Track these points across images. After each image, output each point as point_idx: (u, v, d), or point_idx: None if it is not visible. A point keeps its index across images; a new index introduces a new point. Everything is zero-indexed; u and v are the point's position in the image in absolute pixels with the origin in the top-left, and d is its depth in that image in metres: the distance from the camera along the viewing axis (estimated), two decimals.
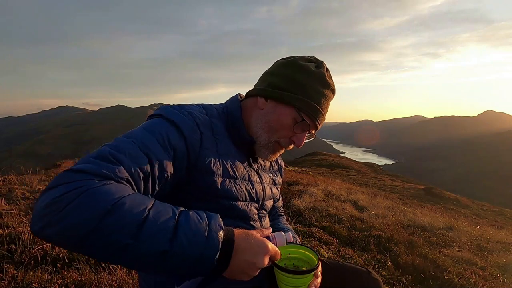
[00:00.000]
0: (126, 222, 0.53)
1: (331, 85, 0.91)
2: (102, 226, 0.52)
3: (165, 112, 0.81)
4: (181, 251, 0.56)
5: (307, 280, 0.76)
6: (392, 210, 5.93)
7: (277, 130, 0.90)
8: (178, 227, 0.57)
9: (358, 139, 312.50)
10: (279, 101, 0.89)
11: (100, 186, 0.56)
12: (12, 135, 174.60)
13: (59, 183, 0.56)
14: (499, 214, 13.48)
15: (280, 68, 0.92)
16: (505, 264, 3.49)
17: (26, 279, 1.70)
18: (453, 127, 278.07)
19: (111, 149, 0.66)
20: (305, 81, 0.88)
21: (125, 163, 0.64)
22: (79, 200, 0.53)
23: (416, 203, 10.51)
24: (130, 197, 0.57)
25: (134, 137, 0.71)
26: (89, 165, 0.61)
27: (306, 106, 0.87)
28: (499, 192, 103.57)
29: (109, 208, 0.53)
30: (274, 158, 0.97)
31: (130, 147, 0.68)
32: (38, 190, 4.10)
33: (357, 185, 13.27)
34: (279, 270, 0.74)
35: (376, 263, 2.88)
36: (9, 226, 2.43)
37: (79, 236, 0.52)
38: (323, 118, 0.92)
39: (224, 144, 0.88)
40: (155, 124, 0.77)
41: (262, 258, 0.65)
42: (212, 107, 0.94)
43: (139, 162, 0.67)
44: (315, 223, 3.98)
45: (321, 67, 0.90)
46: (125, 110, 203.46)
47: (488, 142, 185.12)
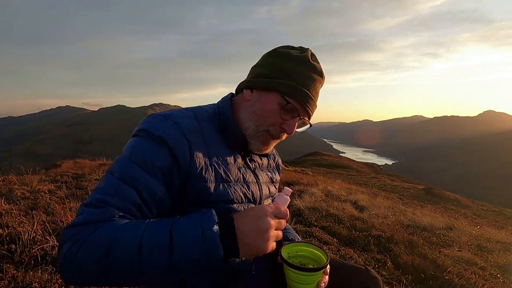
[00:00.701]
0: (126, 253, 0.61)
1: (317, 67, 0.88)
2: (109, 262, 0.61)
3: (149, 126, 0.79)
4: (185, 260, 0.62)
5: (316, 278, 0.77)
6: (392, 210, 5.93)
7: (264, 118, 0.87)
8: (173, 240, 0.62)
9: (358, 139, 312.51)
10: (263, 89, 0.87)
11: (94, 231, 0.64)
12: (12, 135, 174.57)
13: (64, 241, 0.65)
14: (499, 214, 13.49)
15: (265, 58, 0.92)
16: (505, 264, 3.49)
17: (26, 279, 1.70)
18: (453, 127, 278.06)
19: (98, 194, 0.71)
20: (288, 66, 0.86)
21: (113, 203, 0.69)
22: (82, 250, 0.62)
23: (416, 203, 10.52)
24: (124, 229, 0.64)
25: (118, 171, 0.74)
26: (82, 216, 0.68)
27: (291, 90, 0.84)
28: (499, 192, 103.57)
29: (107, 247, 0.61)
30: (267, 150, 0.95)
31: (115, 185, 0.72)
32: (38, 190, 4.10)
33: (357, 185, 13.28)
34: (289, 267, 0.75)
35: (376, 263, 2.88)
36: (9, 226, 2.43)
37: (96, 275, 0.62)
38: (312, 101, 0.88)
39: (216, 147, 0.86)
40: (137, 148, 0.77)
41: (265, 220, 0.67)
42: (202, 110, 0.92)
43: (126, 196, 0.71)
44: (315, 223, 3.98)
45: (305, 52, 0.89)
46: (125, 110, 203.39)
47: (488, 142, 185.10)
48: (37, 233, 2.26)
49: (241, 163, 0.95)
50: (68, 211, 2.93)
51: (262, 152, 0.95)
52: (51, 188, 4.33)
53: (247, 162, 0.97)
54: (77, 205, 3.30)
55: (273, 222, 0.68)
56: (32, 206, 3.22)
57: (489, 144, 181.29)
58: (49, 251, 2.03)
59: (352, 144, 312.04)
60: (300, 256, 0.85)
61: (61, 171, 6.08)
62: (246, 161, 0.97)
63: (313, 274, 0.75)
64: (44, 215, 2.80)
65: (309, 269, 0.75)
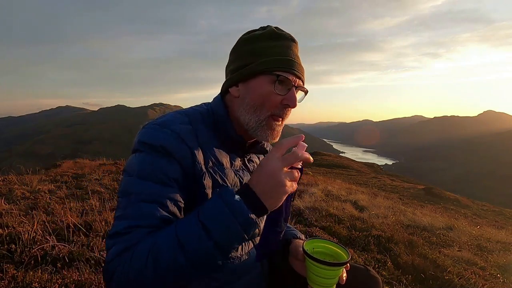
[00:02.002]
0: (168, 252, 0.64)
1: (285, 34, 0.86)
2: (159, 268, 0.64)
3: (148, 138, 0.78)
4: (224, 235, 0.65)
5: (338, 272, 0.79)
6: (392, 210, 5.93)
7: (262, 104, 0.84)
8: (205, 224, 0.65)
9: (358, 139, 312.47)
10: (247, 79, 0.85)
11: (132, 254, 0.66)
12: (12, 135, 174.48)
13: (111, 276, 0.66)
14: (499, 214, 13.48)
15: (233, 53, 0.90)
16: (505, 264, 3.49)
17: (26, 279, 1.70)
18: (453, 127, 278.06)
19: (122, 222, 0.71)
20: (258, 45, 0.84)
21: (139, 224, 0.70)
22: (131, 273, 0.64)
23: (416, 203, 10.52)
24: (156, 236, 0.67)
25: (134, 192, 0.73)
26: (114, 248, 0.68)
27: (273, 64, 0.82)
28: (499, 192, 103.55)
29: (150, 256, 0.64)
30: (277, 137, 0.89)
31: (135, 207, 0.72)
32: (38, 190, 4.10)
33: (357, 185, 13.28)
34: (313, 261, 0.77)
35: (376, 263, 2.88)
36: (9, 226, 2.43)
37: (154, 285, 0.65)
38: (298, 65, 0.85)
39: (211, 152, 0.85)
40: (145, 164, 0.76)
41: (276, 161, 0.67)
42: (196, 112, 0.89)
43: (150, 214, 0.71)
44: (315, 223, 3.98)
45: (267, 28, 0.87)
46: (125, 110, 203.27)
47: (488, 142, 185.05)
48: (37, 233, 2.26)
49: (239, 165, 0.93)
50: (68, 211, 2.93)
51: (273, 140, 0.90)
52: (51, 188, 4.33)
53: (245, 162, 0.96)
54: (77, 205, 3.30)
55: (282, 162, 0.67)
56: (32, 206, 3.22)
57: (489, 144, 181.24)
58: (49, 251, 2.03)
59: (352, 144, 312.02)
60: (317, 252, 0.87)
61: (61, 171, 6.08)
62: (245, 161, 0.96)
63: (336, 268, 0.78)
64: (44, 215, 2.80)
65: (333, 263, 0.77)
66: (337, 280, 0.80)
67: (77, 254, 2.03)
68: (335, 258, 0.85)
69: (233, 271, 0.87)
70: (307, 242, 0.87)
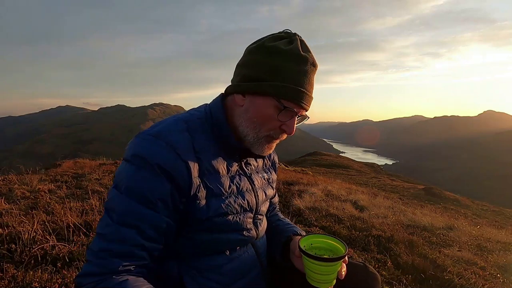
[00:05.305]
0: None
1: (309, 58, 0.81)
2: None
3: (141, 151, 0.76)
4: None
5: (336, 267, 0.78)
6: (392, 210, 5.93)
7: (262, 124, 0.83)
8: None
9: (358, 139, 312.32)
10: (255, 94, 0.82)
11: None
12: (12, 135, 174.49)
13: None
14: (499, 214, 13.49)
15: (250, 56, 0.84)
16: (505, 264, 3.49)
17: (26, 279, 1.70)
18: (453, 127, 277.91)
19: (100, 243, 0.73)
20: (277, 63, 0.79)
21: (116, 250, 0.72)
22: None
23: (416, 203, 10.51)
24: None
25: (117, 212, 0.74)
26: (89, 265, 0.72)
27: (285, 91, 0.79)
28: (499, 192, 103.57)
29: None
30: (271, 151, 0.92)
31: (115, 230, 0.73)
32: (38, 189, 4.10)
33: (357, 185, 13.28)
34: (309, 258, 0.76)
35: (376, 263, 2.88)
36: (9, 225, 2.43)
37: None
38: (308, 97, 0.83)
39: (207, 160, 0.83)
40: (133, 181, 0.75)
41: None
42: (194, 117, 0.88)
43: (128, 239, 0.73)
44: (315, 223, 3.98)
45: (293, 42, 0.82)
46: (125, 110, 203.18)
47: (488, 142, 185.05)
48: (37, 232, 2.25)
49: (236, 170, 0.92)
50: (68, 210, 2.92)
51: (266, 154, 0.91)
52: (51, 187, 4.33)
53: (242, 167, 0.94)
54: (77, 205, 3.29)
55: None
56: (32, 206, 3.22)
57: (489, 144, 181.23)
58: (49, 250, 2.03)
59: (352, 144, 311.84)
60: (315, 248, 0.86)
61: (61, 171, 6.07)
62: (242, 166, 0.94)
63: (332, 264, 0.76)
64: (44, 215, 2.80)
65: (328, 259, 0.76)
66: (336, 276, 0.79)
67: (77, 253, 2.03)
68: (334, 252, 0.84)
69: (233, 271, 0.87)
70: (304, 238, 0.86)
